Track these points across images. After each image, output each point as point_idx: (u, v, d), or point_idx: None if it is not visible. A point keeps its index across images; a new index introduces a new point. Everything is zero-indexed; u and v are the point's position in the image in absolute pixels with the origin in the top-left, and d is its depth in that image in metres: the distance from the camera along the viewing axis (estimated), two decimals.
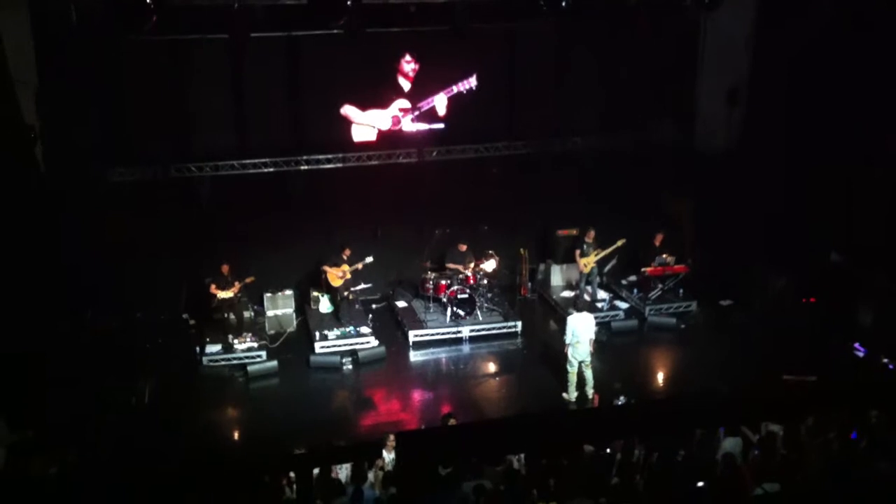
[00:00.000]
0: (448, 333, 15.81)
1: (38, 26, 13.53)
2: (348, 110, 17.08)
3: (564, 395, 13.73)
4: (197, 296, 15.97)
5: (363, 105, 17.14)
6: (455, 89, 17.31)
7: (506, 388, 14.18)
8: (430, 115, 17.49)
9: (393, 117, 17.26)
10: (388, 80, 17.15)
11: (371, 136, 17.28)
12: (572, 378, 13.62)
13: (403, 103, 17.31)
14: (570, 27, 16.80)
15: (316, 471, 9.68)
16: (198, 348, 15.07)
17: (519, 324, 16.03)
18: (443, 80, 17.29)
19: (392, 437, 10.24)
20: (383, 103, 17.26)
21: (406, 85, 17.23)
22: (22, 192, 12.92)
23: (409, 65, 17.10)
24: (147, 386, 13.81)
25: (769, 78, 16.84)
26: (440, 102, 17.34)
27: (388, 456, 10.13)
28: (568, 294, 17.33)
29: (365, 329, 15.62)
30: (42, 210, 13.56)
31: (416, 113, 17.34)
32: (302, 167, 16.95)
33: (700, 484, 8.80)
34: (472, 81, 17.25)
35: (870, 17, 14.59)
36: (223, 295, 15.18)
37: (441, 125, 17.61)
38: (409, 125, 17.40)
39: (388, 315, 16.86)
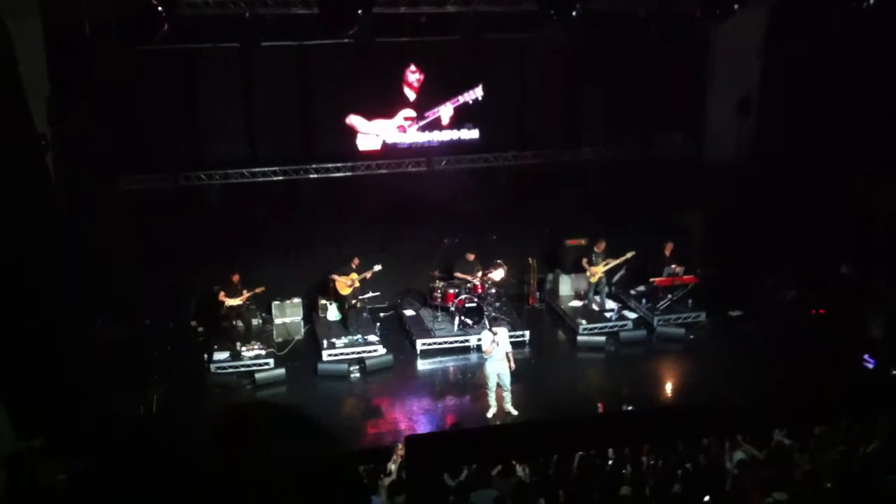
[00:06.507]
0: (456, 342, 15.80)
1: (51, 35, 13.60)
2: (354, 120, 17.11)
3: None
4: (205, 303, 15.99)
5: (369, 115, 17.17)
6: (461, 99, 17.31)
7: (513, 397, 14.13)
8: (436, 125, 17.51)
9: (398, 127, 17.27)
10: (394, 89, 17.16)
11: (376, 145, 17.31)
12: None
13: (409, 113, 17.33)
14: (580, 38, 16.80)
15: None
16: (206, 356, 15.08)
17: (527, 333, 16.00)
18: (449, 90, 17.31)
19: (400, 445, 10.22)
20: (389, 113, 17.28)
21: (411, 95, 17.26)
22: (31, 200, 12.96)
23: (413, 75, 17.11)
24: (155, 394, 13.82)
25: (779, 88, 16.82)
26: (445, 112, 17.36)
27: (396, 463, 10.11)
28: (576, 304, 17.30)
29: (373, 337, 15.61)
30: (51, 218, 13.59)
31: (422, 122, 17.36)
32: (311, 175, 16.97)
33: (706, 498, 8.76)
34: (479, 91, 17.25)
35: (880, 27, 14.56)
36: (231, 303, 15.19)
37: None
38: (415, 135, 17.42)
39: (396, 323, 16.85)
